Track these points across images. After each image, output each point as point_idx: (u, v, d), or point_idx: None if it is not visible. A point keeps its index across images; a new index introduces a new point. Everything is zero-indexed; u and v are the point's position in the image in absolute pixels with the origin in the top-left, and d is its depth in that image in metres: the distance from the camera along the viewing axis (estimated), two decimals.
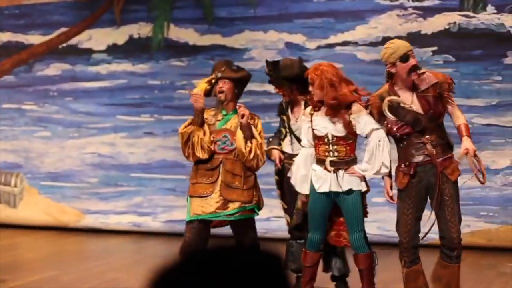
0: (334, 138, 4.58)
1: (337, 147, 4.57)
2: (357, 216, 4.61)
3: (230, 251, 1.35)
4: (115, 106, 7.93)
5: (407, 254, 4.53)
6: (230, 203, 4.84)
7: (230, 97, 4.93)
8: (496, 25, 6.80)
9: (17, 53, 8.25)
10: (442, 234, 4.48)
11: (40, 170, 8.23)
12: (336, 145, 4.58)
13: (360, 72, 7.12)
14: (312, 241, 4.75)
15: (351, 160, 4.58)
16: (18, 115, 8.29)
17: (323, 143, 4.62)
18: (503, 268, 6.21)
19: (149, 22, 7.79)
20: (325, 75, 4.51)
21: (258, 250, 1.37)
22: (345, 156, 4.57)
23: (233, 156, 4.88)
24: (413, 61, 4.40)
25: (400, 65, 4.37)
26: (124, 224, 7.91)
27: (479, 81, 6.83)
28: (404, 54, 4.38)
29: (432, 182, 4.41)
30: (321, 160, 4.62)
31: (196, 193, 4.88)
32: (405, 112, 4.42)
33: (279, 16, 7.34)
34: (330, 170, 4.58)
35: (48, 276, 6.08)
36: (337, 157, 4.57)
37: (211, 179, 4.87)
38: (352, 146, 4.59)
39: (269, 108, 7.37)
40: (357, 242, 4.66)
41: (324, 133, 4.60)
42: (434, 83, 4.46)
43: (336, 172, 4.58)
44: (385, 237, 6.76)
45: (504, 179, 6.82)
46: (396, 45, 4.45)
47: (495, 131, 6.73)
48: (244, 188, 4.86)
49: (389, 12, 7.03)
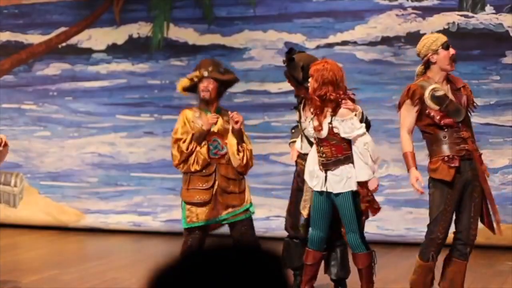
0: (319, 139, 4.62)
1: (323, 148, 4.61)
2: (349, 217, 4.61)
3: (229, 250, 1.35)
4: (114, 106, 7.93)
5: (436, 250, 4.47)
6: (227, 207, 4.90)
7: (214, 97, 4.96)
8: (495, 25, 6.81)
9: (16, 52, 8.25)
10: (461, 229, 4.49)
11: (40, 170, 8.23)
12: (322, 146, 4.61)
13: (359, 72, 7.14)
14: (313, 239, 4.76)
15: (337, 161, 4.56)
16: (18, 114, 8.29)
17: (316, 144, 4.68)
18: (502, 267, 6.23)
19: (149, 22, 7.80)
20: (324, 71, 4.52)
21: (258, 249, 1.38)
22: (331, 157, 4.57)
23: (225, 161, 4.94)
24: (453, 50, 4.47)
25: (443, 52, 4.42)
26: (124, 223, 7.92)
27: (478, 81, 6.84)
28: (445, 41, 4.46)
29: (468, 179, 4.44)
30: (318, 160, 4.67)
31: (193, 199, 4.91)
32: (449, 102, 4.45)
33: (278, 15, 7.34)
34: (322, 170, 4.62)
35: (48, 275, 6.08)
36: (325, 158, 4.60)
37: (206, 185, 4.91)
38: (338, 147, 4.57)
39: (269, 107, 7.38)
40: (353, 242, 4.66)
41: (313, 134, 4.66)
42: (463, 85, 4.56)
43: (326, 172, 4.61)
44: (384, 236, 6.78)
45: (502, 178, 6.83)
46: (435, 35, 4.56)
47: (493, 130, 6.74)
48: (239, 191, 4.92)
49: (388, 12, 7.04)
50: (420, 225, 7.02)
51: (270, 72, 7.35)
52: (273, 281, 1.32)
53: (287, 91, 7.40)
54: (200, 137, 4.91)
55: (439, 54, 4.43)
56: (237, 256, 1.33)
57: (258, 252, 1.36)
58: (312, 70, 4.58)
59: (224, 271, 1.29)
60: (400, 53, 7.04)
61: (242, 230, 4.95)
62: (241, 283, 1.29)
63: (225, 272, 1.29)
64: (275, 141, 7.21)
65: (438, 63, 4.44)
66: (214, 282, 1.28)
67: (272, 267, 1.33)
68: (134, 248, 7.49)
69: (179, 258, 1.35)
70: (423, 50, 4.47)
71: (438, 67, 4.46)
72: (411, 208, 6.98)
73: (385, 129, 7.11)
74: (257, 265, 1.33)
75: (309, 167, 4.73)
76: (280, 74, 7.58)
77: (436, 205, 4.46)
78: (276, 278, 1.33)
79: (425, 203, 6.81)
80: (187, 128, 4.98)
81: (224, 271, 1.29)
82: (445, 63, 4.44)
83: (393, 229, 6.94)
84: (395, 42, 7.05)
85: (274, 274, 1.33)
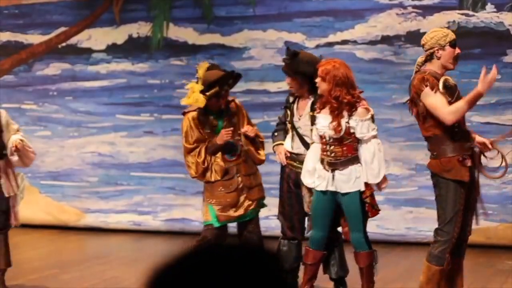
0: (331, 139, 4.59)
1: (334, 148, 4.58)
2: (355, 216, 4.61)
3: (229, 249, 1.35)
4: (114, 106, 7.93)
5: (451, 251, 4.40)
6: (252, 202, 5.00)
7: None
8: (495, 23, 6.80)
9: (16, 52, 8.25)
10: (469, 229, 4.49)
11: (41, 170, 8.24)
12: (333, 145, 4.58)
13: (359, 71, 7.11)
14: (313, 239, 4.76)
15: (347, 160, 4.57)
16: (18, 114, 8.29)
17: (323, 143, 4.65)
18: (502, 266, 6.22)
19: (149, 22, 7.80)
20: (336, 71, 4.51)
21: (258, 249, 1.37)
22: (341, 157, 4.57)
23: (243, 159, 5.00)
24: (459, 50, 4.43)
25: (449, 49, 4.36)
26: (124, 223, 7.92)
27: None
28: (454, 39, 4.41)
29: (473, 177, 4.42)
30: (321, 159, 4.66)
31: (220, 203, 4.96)
32: (458, 93, 4.41)
33: (278, 15, 7.34)
34: (328, 170, 4.61)
35: (48, 274, 6.10)
36: (334, 158, 4.58)
37: (231, 187, 4.96)
38: (349, 147, 4.58)
39: (268, 106, 7.38)
40: (357, 241, 4.67)
41: (322, 133, 4.62)
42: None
43: (333, 172, 4.60)
44: (385, 236, 6.78)
45: (503, 177, 6.81)
46: (446, 30, 4.47)
47: (494, 129, 6.72)
48: (258, 183, 5.08)
49: (389, 11, 7.03)
50: (420, 224, 7.03)
51: (270, 71, 7.35)
52: (273, 281, 1.32)
53: (286, 91, 7.40)
54: (215, 151, 4.96)
55: (445, 50, 4.36)
56: (237, 256, 1.33)
57: (258, 251, 1.36)
58: (322, 70, 4.55)
59: (223, 270, 1.29)
60: (400, 52, 7.03)
61: (252, 226, 5.02)
62: (240, 283, 1.29)
63: (224, 272, 1.29)
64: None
65: (442, 59, 4.38)
66: (213, 281, 1.28)
67: (271, 267, 1.33)
68: (134, 247, 7.49)
69: (179, 257, 1.35)
70: (430, 42, 4.37)
71: (440, 63, 4.39)
72: (411, 208, 6.98)
73: (385, 128, 7.10)
74: (257, 265, 1.32)
75: (308, 166, 4.72)
76: (280, 73, 7.57)
77: (451, 206, 4.34)
78: (276, 278, 1.33)
79: (425, 202, 6.85)
80: (197, 134, 4.96)
81: (223, 270, 1.29)
82: (448, 60, 4.38)
83: (393, 228, 6.94)
84: (395, 41, 7.04)
85: (274, 274, 1.32)
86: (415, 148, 6.98)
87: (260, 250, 1.36)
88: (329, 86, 4.50)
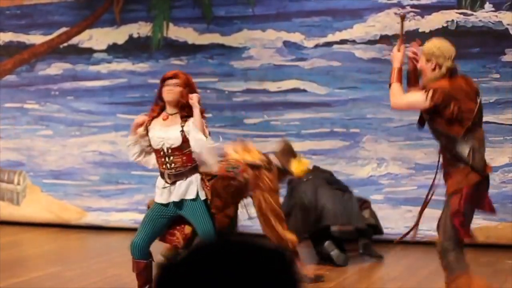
0: (169, 149, 4.43)
1: (173, 158, 4.43)
2: (203, 224, 4.51)
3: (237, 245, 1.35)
4: (115, 105, 7.96)
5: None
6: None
7: None
8: (494, 22, 6.80)
9: (18, 53, 8.29)
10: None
11: (42, 168, 8.28)
12: (172, 156, 4.43)
13: (358, 70, 7.15)
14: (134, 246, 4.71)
15: (188, 171, 4.44)
16: (20, 114, 8.33)
17: (160, 156, 4.49)
18: (502, 265, 6.20)
19: (149, 22, 7.82)
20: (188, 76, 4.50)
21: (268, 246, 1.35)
22: (180, 167, 4.44)
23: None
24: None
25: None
26: (125, 221, 7.95)
27: (477, 79, 6.80)
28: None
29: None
30: (161, 173, 4.53)
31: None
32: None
33: (277, 14, 7.36)
34: (169, 183, 4.47)
35: (50, 272, 6.13)
36: (175, 169, 4.44)
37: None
38: (188, 156, 4.43)
39: (268, 106, 7.41)
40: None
41: (160, 145, 4.46)
42: None
43: (175, 183, 4.47)
44: (384, 235, 6.78)
45: (502, 177, 6.83)
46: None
47: (493, 128, 6.72)
48: None
49: (387, 11, 7.05)
50: (420, 223, 7.03)
51: (269, 71, 7.37)
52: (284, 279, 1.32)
53: (286, 90, 7.44)
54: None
55: (436, 72, 4.23)
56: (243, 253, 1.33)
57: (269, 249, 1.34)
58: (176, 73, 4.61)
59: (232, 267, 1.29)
60: None
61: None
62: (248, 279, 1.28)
63: (232, 269, 1.29)
64: (274, 140, 7.23)
65: (426, 76, 4.29)
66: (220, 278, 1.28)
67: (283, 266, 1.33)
68: None
69: (186, 254, 1.34)
70: (437, 53, 4.23)
71: (423, 78, 4.33)
72: (411, 207, 6.98)
73: (384, 128, 7.13)
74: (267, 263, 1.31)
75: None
76: (279, 73, 7.63)
77: (470, 209, 4.41)
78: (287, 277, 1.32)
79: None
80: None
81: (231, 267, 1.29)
82: (428, 80, 4.25)
83: (393, 227, 6.95)
84: (394, 40, 7.05)
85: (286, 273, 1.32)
86: (414, 147, 7.01)
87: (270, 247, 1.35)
88: (184, 91, 4.53)
